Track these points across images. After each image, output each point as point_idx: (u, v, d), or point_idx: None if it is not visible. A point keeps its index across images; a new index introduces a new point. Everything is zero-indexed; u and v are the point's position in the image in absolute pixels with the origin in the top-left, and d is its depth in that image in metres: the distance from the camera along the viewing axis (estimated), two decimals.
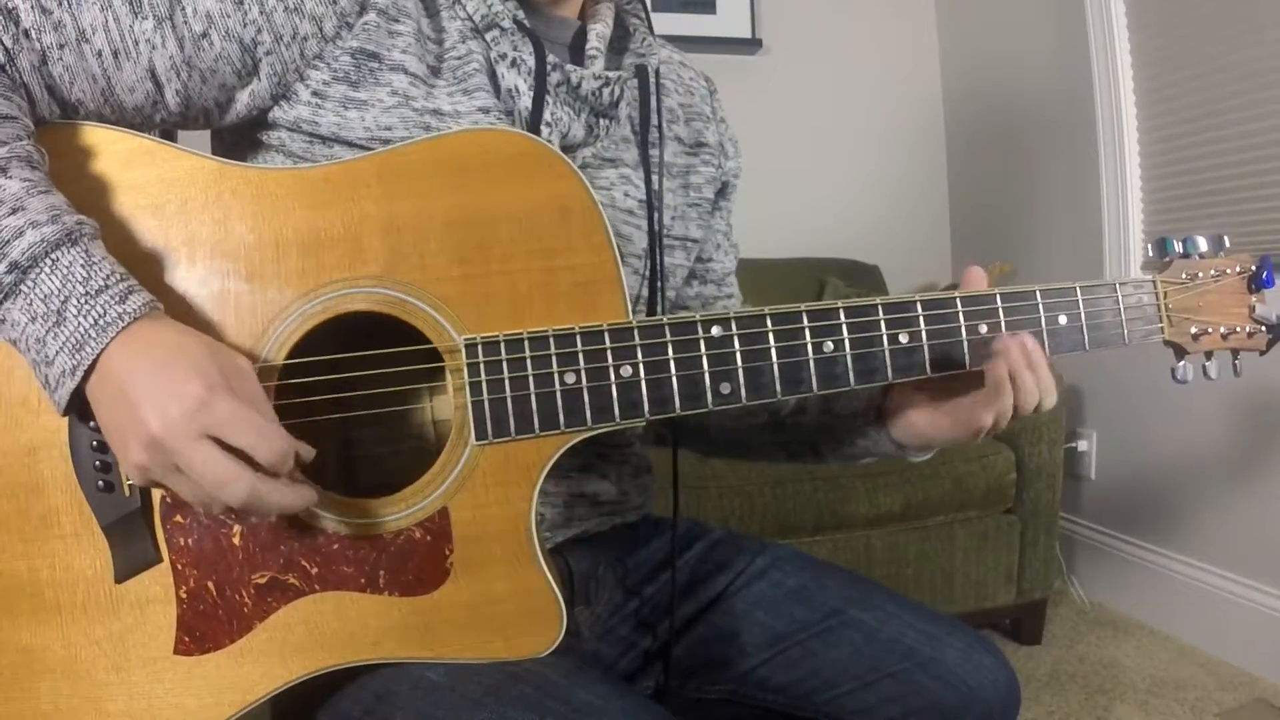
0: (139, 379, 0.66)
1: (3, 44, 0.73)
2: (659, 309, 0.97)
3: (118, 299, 0.67)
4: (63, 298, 0.67)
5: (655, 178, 0.97)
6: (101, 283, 0.67)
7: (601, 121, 0.94)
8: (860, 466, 1.02)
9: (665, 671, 0.98)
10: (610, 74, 0.93)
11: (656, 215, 0.97)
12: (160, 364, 0.67)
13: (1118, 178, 2.57)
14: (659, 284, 0.98)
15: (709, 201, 1.08)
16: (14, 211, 0.67)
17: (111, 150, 0.76)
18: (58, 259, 0.67)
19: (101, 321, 0.66)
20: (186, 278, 0.75)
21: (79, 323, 0.66)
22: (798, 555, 1.06)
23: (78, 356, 0.66)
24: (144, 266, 0.72)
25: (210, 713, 0.76)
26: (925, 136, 3.30)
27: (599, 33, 0.96)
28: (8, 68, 0.74)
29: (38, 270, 0.67)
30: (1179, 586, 2.45)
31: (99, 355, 0.67)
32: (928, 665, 0.94)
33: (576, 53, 0.97)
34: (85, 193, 0.73)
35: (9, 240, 0.66)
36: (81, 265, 0.67)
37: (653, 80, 0.99)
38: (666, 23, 2.82)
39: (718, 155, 1.09)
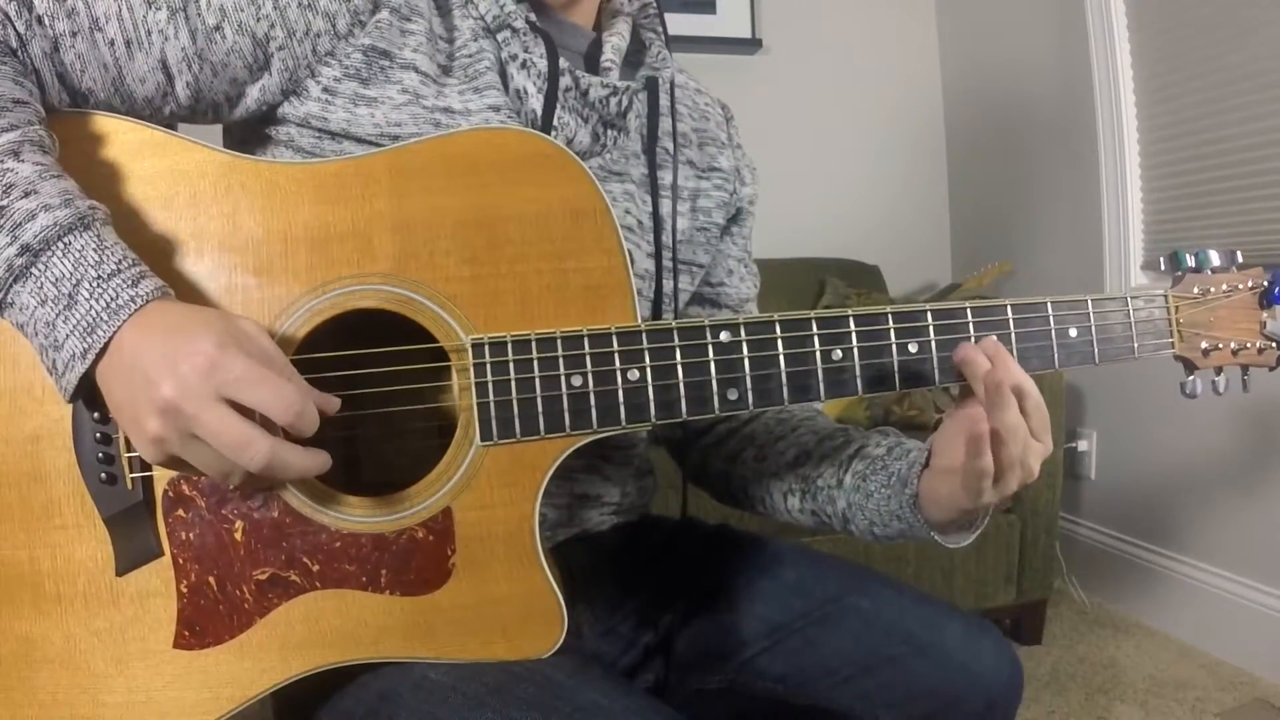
0: (150, 350, 0.66)
1: (15, 29, 0.73)
2: (674, 320, 0.96)
3: (130, 283, 0.67)
4: (74, 281, 0.66)
5: (665, 199, 0.96)
6: (114, 267, 0.67)
7: (609, 132, 0.94)
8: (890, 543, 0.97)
9: (666, 666, 0.98)
10: (619, 84, 0.92)
11: (665, 236, 0.96)
12: (170, 333, 0.66)
13: (1118, 178, 2.58)
14: (673, 306, 0.97)
15: (718, 226, 1.07)
16: (26, 195, 0.67)
17: (122, 140, 0.76)
18: (70, 243, 0.67)
19: (114, 305, 0.66)
20: (194, 271, 0.75)
21: (91, 306, 0.66)
22: (795, 547, 1.06)
23: (89, 340, 0.66)
24: (152, 258, 0.71)
25: (208, 707, 0.76)
26: (925, 136, 3.30)
27: (615, 45, 0.95)
28: (20, 53, 0.74)
29: (49, 253, 0.66)
30: (1179, 586, 2.46)
31: (111, 338, 0.66)
32: (927, 650, 0.94)
33: (591, 63, 0.96)
34: (95, 182, 0.73)
35: (21, 223, 0.66)
36: (94, 250, 0.67)
37: (663, 92, 0.98)
38: (667, 23, 2.82)
39: (731, 180, 1.08)
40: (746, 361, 0.79)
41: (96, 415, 0.73)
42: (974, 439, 0.77)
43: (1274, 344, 0.89)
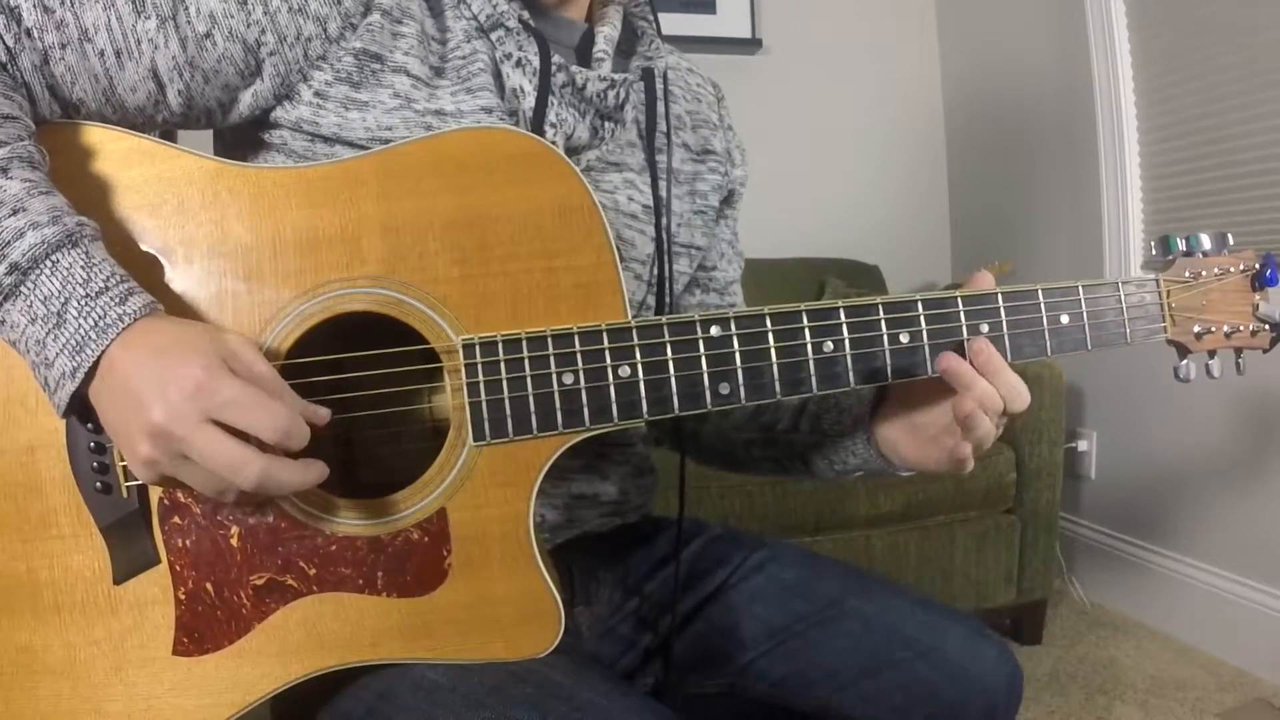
0: (139, 372, 0.66)
1: (4, 43, 0.73)
2: (664, 315, 0.96)
3: (118, 300, 0.67)
4: (63, 299, 0.66)
5: (662, 183, 0.97)
6: (102, 284, 0.67)
7: (606, 124, 0.94)
8: (851, 480, 1.01)
9: (666, 667, 0.98)
10: (615, 76, 0.92)
11: (664, 222, 0.96)
12: (159, 353, 0.66)
13: (1118, 178, 2.57)
14: (668, 290, 0.97)
15: (714, 209, 1.07)
16: (15, 212, 0.67)
17: (109, 150, 0.76)
18: (58, 260, 0.67)
19: (102, 323, 0.66)
20: (184, 278, 0.75)
21: (79, 324, 0.66)
22: (795, 549, 1.06)
23: (78, 358, 0.66)
24: (141, 267, 0.72)
25: (209, 713, 0.76)
26: (925, 136, 3.30)
27: (606, 35, 0.96)
28: (9, 67, 0.73)
29: (38, 272, 0.67)
30: (1179, 586, 2.45)
31: (99, 357, 0.66)
32: (928, 654, 0.94)
33: (584, 55, 0.96)
34: (82, 193, 0.73)
35: (10, 241, 0.66)
36: (82, 267, 0.67)
37: (659, 83, 0.98)
38: (666, 23, 2.80)
39: (724, 163, 1.08)
40: (738, 355, 0.79)
41: (91, 425, 0.73)
42: (952, 436, 0.83)
43: (1266, 326, 0.89)
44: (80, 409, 0.69)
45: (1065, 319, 0.84)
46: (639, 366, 0.78)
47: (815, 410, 0.98)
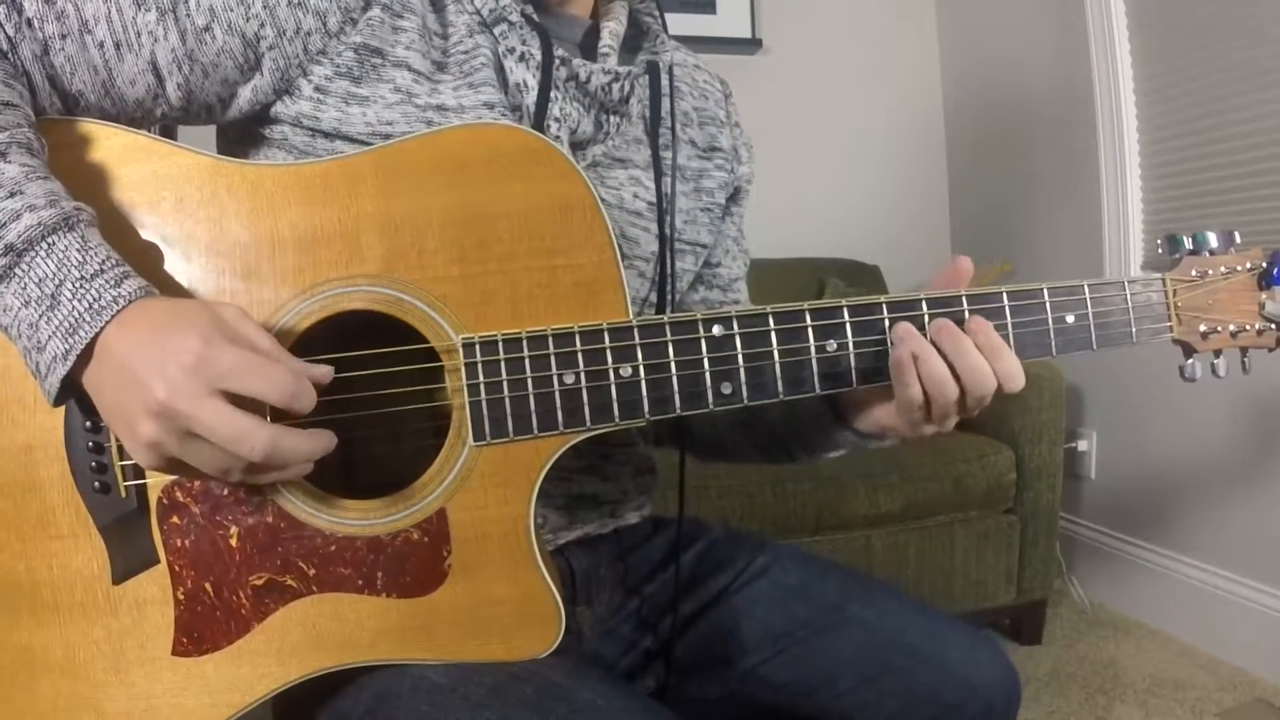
0: (136, 351, 0.65)
1: (5, 32, 0.73)
2: (666, 314, 0.96)
3: (113, 283, 0.67)
4: (57, 282, 0.66)
5: (666, 179, 0.96)
6: (97, 267, 0.67)
7: (612, 119, 0.94)
8: (832, 460, 1.00)
9: (666, 670, 0.98)
10: (619, 69, 0.92)
11: (668, 219, 0.96)
12: (155, 331, 0.66)
13: (1118, 178, 2.57)
14: (670, 288, 0.97)
15: (720, 207, 1.07)
16: (12, 195, 0.66)
17: (107, 145, 0.76)
18: (54, 243, 0.66)
19: (96, 305, 0.66)
20: (182, 276, 0.75)
21: (73, 306, 0.66)
22: (797, 553, 1.06)
23: (71, 340, 0.66)
24: (139, 263, 0.71)
25: (208, 713, 0.76)
26: (925, 136, 3.30)
27: (612, 30, 0.95)
28: (10, 55, 0.73)
29: (33, 254, 0.66)
30: (1179, 586, 2.45)
31: (93, 339, 0.66)
32: (929, 662, 0.94)
33: (589, 51, 0.96)
34: (79, 188, 0.72)
35: (5, 223, 0.66)
36: (77, 250, 0.67)
37: (664, 77, 0.98)
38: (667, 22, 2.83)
39: (731, 160, 1.07)
40: (740, 355, 0.78)
41: (88, 424, 0.73)
42: (896, 368, 0.79)
43: (1273, 325, 0.88)
44: (74, 396, 0.69)
45: (1071, 318, 0.83)
46: (640, 366, 0.77)
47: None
